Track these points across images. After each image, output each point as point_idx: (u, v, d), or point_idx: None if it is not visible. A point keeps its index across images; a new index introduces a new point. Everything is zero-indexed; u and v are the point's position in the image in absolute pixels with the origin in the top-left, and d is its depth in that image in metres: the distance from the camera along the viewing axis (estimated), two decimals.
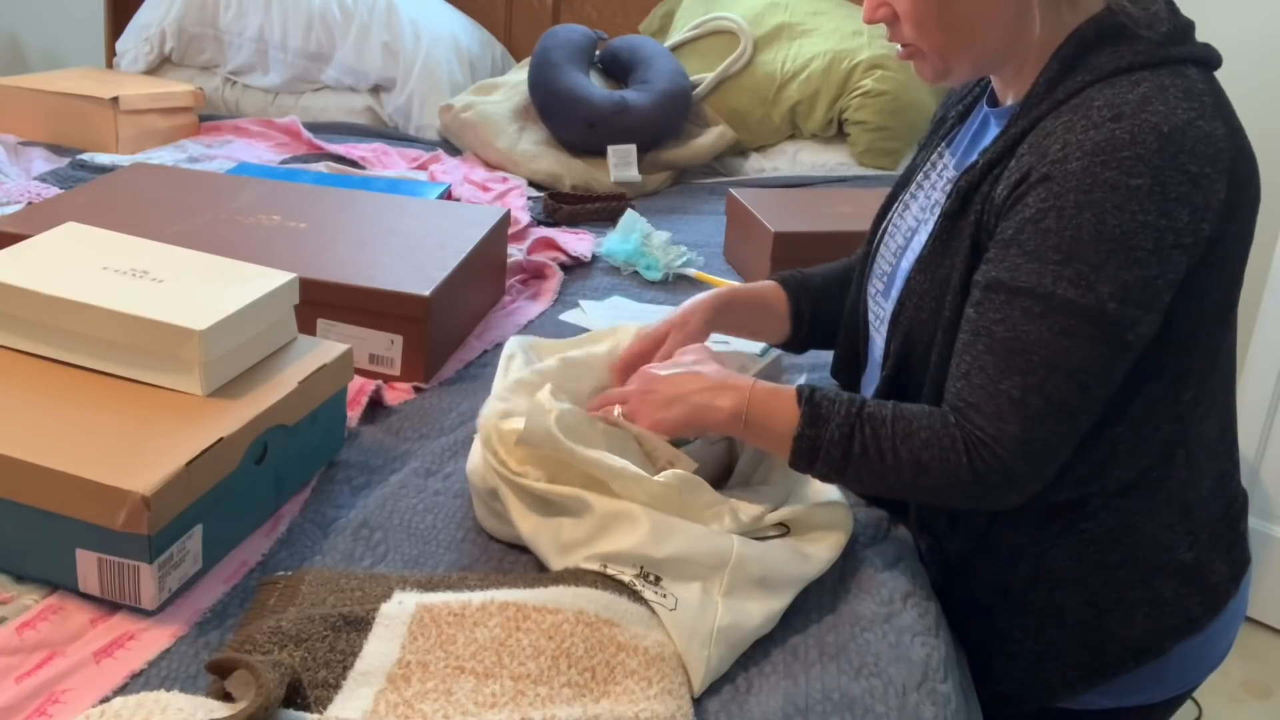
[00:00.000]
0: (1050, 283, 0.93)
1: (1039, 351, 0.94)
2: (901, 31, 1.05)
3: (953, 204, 1.05)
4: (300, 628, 0.89)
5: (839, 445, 1.00)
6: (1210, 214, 0.94)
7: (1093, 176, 0.92)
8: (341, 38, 2.72)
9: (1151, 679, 1.10)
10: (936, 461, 0.98)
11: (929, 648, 0.99)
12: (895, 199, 1.23)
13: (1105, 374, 0.96)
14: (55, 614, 0.93)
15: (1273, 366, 2.37)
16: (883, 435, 1.00)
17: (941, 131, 1.20)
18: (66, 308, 1.04)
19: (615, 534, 0.98)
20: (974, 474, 0.97)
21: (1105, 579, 1.07)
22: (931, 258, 1.07)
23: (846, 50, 2.59)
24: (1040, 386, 0.95)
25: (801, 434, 1.01)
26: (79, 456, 0.92)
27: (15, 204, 1.92)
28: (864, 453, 1.00)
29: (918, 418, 1.00)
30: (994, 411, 0.96)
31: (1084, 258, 0.92)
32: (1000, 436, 0.96)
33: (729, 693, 0.91)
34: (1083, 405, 0.96)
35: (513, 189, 2.30)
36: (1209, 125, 0.94)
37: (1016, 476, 0.97)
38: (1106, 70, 0.97)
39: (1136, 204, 0.91)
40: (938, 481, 0.99)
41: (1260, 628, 2.46)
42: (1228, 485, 1.11)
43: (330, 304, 1.38)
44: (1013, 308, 0.96)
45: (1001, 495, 0.99)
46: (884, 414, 1.01)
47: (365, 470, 1.20)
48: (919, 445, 0.99)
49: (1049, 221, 0.93)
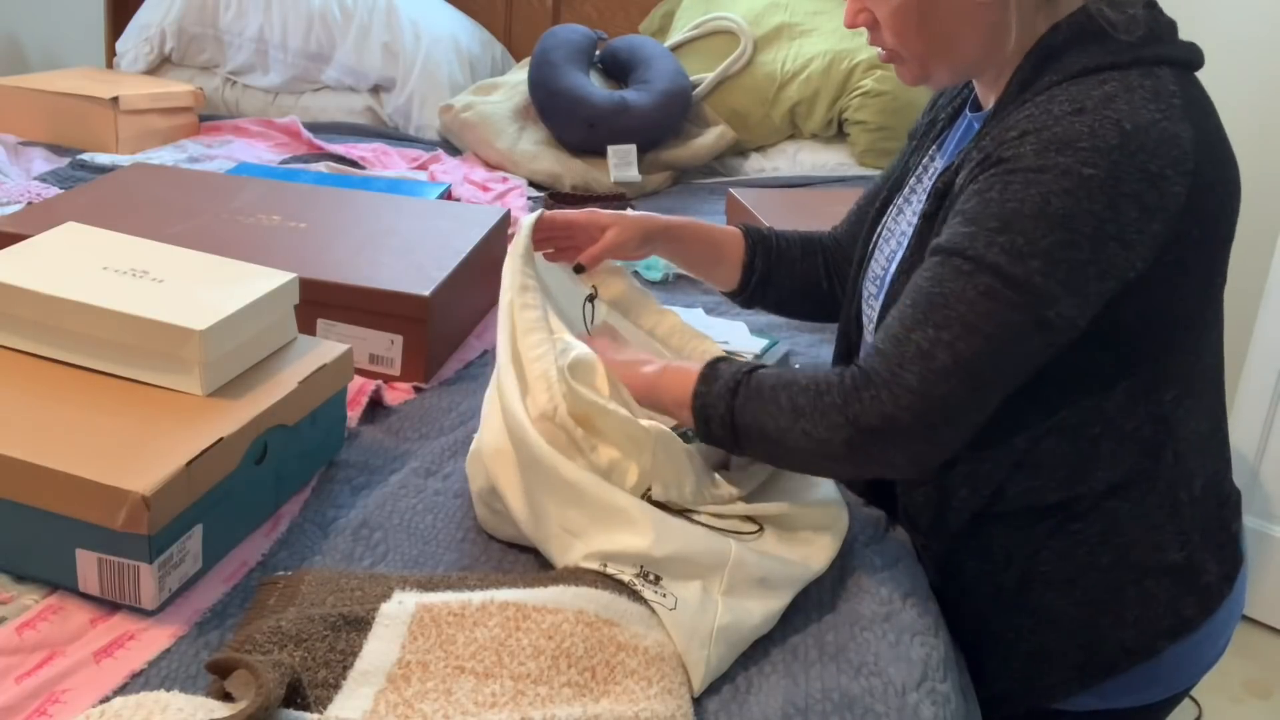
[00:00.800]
0: (982, 247, 0.94)
1: (957, 308, 0.94)
2: (882, 37, 1.06)
3: (929, 205, 1.06)
4: (300, 628, 0.89)
5: (723, 398, 1.01)
6: (1163, 214, 0.94)
7: (1045, 159, 0.93)
8: (341, 38, 2.72)
9: (1145, 680, 1.10)
10: (812, 405, 0.97)
11: (928, 647, 0.99)
12: (889, 203, 1.23)
13: (1019, 347, 0.95)
14: (55, 614, 0.93)
15: (1273, 366, 2.37)
16: (764, 382, 1.00)
17: (933, 134, 1.20)
18: (66, 308, 1.05)
19: (615, 531, 0.98)
20: (847, 416, 0.95)
21: (1097, 580, 1.07)
22: (911, 259, 1.07)
23: (846, 50, 2.59)
24: (952, 343, 0.94)
25: (696, 393, 1.03)
26: (79, 456, 0.92)
27: (15, 204, 1.92)
28: (747, 401, 1.00)
29: (809, 370, 1.01)
30: (896, 356, 0.95)
31: (1020, 230, 0.93)
32: (892, 381, 0.94)
33: (729, 692, 0.91)
34: (991, 374, 0.95)
35: (513, 189, 2.30)
36: (1174, 127, 0.94)
37: (898, 427, 0.94)
38: (1075, 70, 0.97)
39: (1085, 192, 0.92)
40: (811, 426, 0.97)
41: (1260, 628, 2.46)
42: (1219, 484, 1.11)
43: (330, 304, 1.38)
44: (944, 267, 0.96)
45: (881, 447, 0.96)
46: (777, 370, 1.01)
47: (365, 470, 1.20)
48: (799, 389, 0.98)
49: (993, 194, 0.95)
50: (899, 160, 1.28)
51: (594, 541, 0.98)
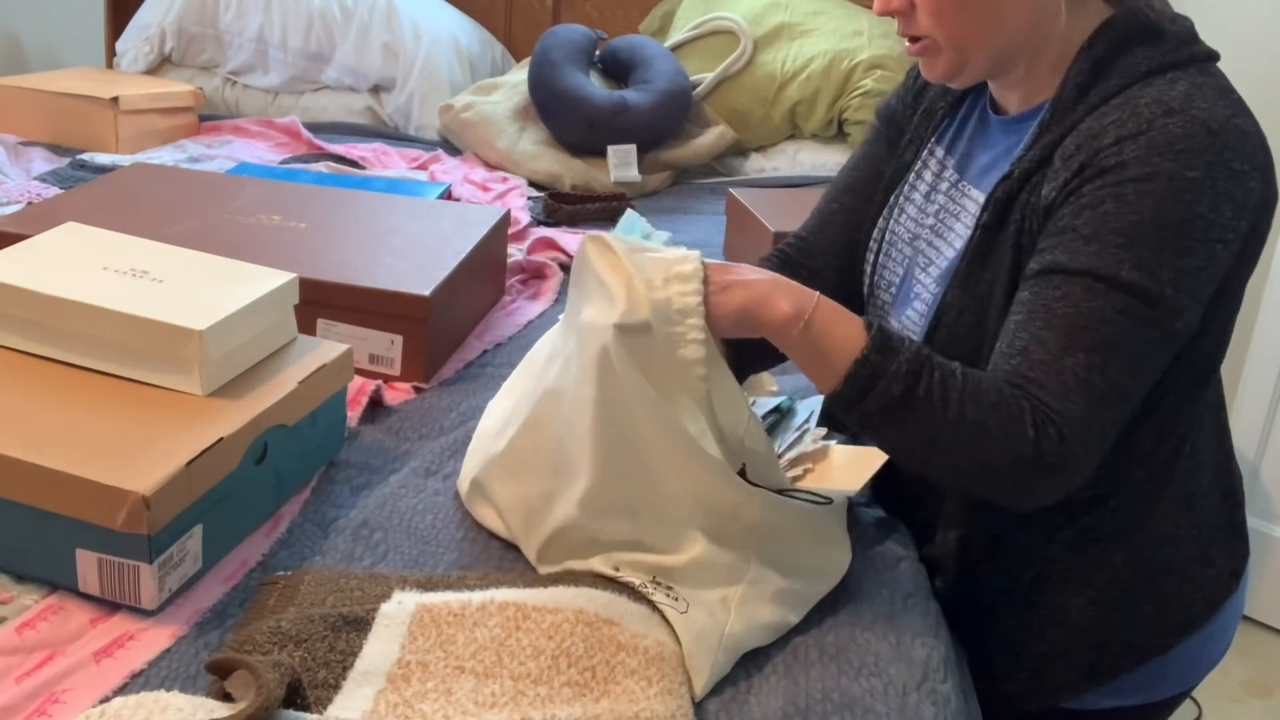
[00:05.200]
0: (1113, 265, 0.92)
1: (1102, 330, 0.91)
2: (917, 22, 1.01)
3: (990, 216, 1.02)
4: (300, 628, 0.89)
5: (901, 380, 0.92)
6: (1248, 210, 0.94)
7: (1152, 166, 0.91)
8: (341, 38, 2.72)
9: (1152, 678, 1.10)
10: (1001, 429, 0.91)
11: (929, 648, 0.99)
12: (884, 203, 1.18)
13: (1155, 361, 0.94)
14: (55, 614, 0.93)
15: (1273, 366, 2.37)
16: (951, 384, 0.92)
17: (930, 126, 1.16)
18: (66, 308, 1.04)
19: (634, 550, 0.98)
20: (1036, 451, 0.90)
21: (1111, 578, 1.07)
22: (970, 271, 1.04)
23: (846, 50, 2.59)
24: (1103, 367, 0.91)
25: (865, 358, 0.93)
26: (79, 456, 0.92)
27: (15, 204, 1.92)
28: (927, 396, 0.92)
29: (986, 379, 0.94)
30: (1060, 388, 0.91)
31: (1145, 242, 0.91)
32: (1065, 414, 0.91)
33: (729, 693, 0.91)
34: (1134, 392, 0.94)
35: (513, 189, 2.30)
36: (1244, 123, 0.94)
37: (1070, 461, 0.92)
38: (1141, 72, 0.96)
39: (1192, 195, 0.91)
40: (994, 452, 0.91)
41: (1260, 628, 2.46)
42: (1223, 472, 1.10)
43: (330, 304, 1.38)
44: (1073, 286, 0.93)
45: (1050, 481, 0.93)
46: (953, 366, 0.94)
47: (365, 470, 1.20)
48: (987, 406, 0.91)
49: (1108, 207, 0.92)
50: (874, 148, 1.21)
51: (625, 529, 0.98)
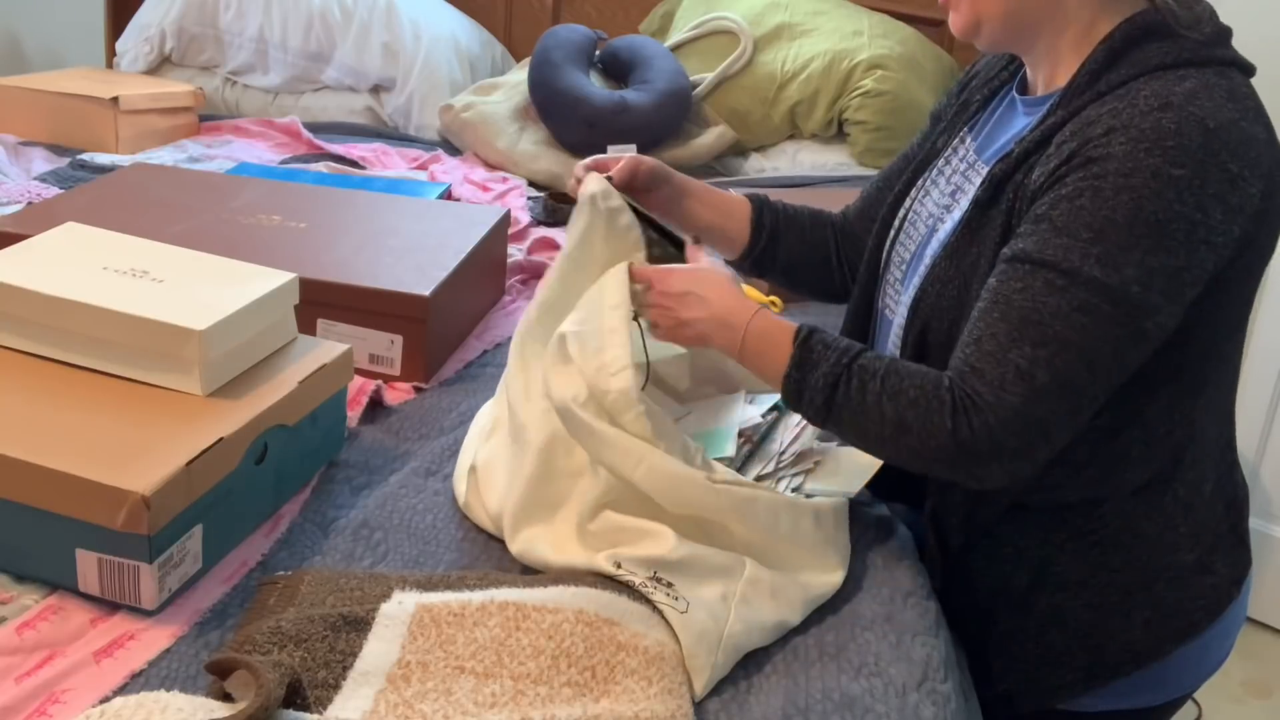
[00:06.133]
0: (1077, 259, 0.92)
1: (1055, 325, 0.92)
2: None
3: (984, 192, 1.03)
4: (300, 628, 0.89)
5: (822, 392, 1.00)
6: (1242, 216, 0.93)
7: (1135, 161, 0.91)
8: (341, 38, 2.72)
9: (1150, 682, 1.10)
10: (919, 421, 0.96)
11: (929, 648, 0.99)
12: (912, 184, 1.20)
13: (1117, 359, 0.94)
14: (55, 614, 0.93)
15: (1273, 366, 2.37)
16: (869, 389, 0.98)
17: (965, 116, 1.18)
18: (66, 308, 1.04)
19: (636, 541, 0.99)
20: (956, 440, 0.94)
21: (1108, 581, 1.07)
22: (958, 245, 1.05)
23: (846, 50, 2.59)
24: (1050, 360, 0.92)
25: (789, 375, 1.02)
26: (79, 456, 0.92)
27: (15, 204, 1.92)
28: (846, 403, 0.99)
29: (912, 376, 0.98)
30: (997, 378, 0.94)
31: (1115, 238, 0.91)
32: (997, 404, 0.93)
33: (729, 693, 0.91)
34: (1088, 388, 0.94)
35: (513, 189, 2.30)
36: (1251, 128, 0.93)
37: (1004, 449, 0.94)
38: (1153, 64, 0.96)
39: (1174, 193, 0.90)
40: (916, 442, 0.96)
41: (1260, 628, 2.46)
42: (1226, 483, 1.10)
43: (330, 304, 1.38)
44: (1035, 278, 0.94)
45: (983, 467, 0.96)
46: (876, 367, 0.99)
47: (365, 470, 1.20)
48: (905, 404, 0.96)
49: (1084, 200, 0.92)
50: (921, 141, 1.25)
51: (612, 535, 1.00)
